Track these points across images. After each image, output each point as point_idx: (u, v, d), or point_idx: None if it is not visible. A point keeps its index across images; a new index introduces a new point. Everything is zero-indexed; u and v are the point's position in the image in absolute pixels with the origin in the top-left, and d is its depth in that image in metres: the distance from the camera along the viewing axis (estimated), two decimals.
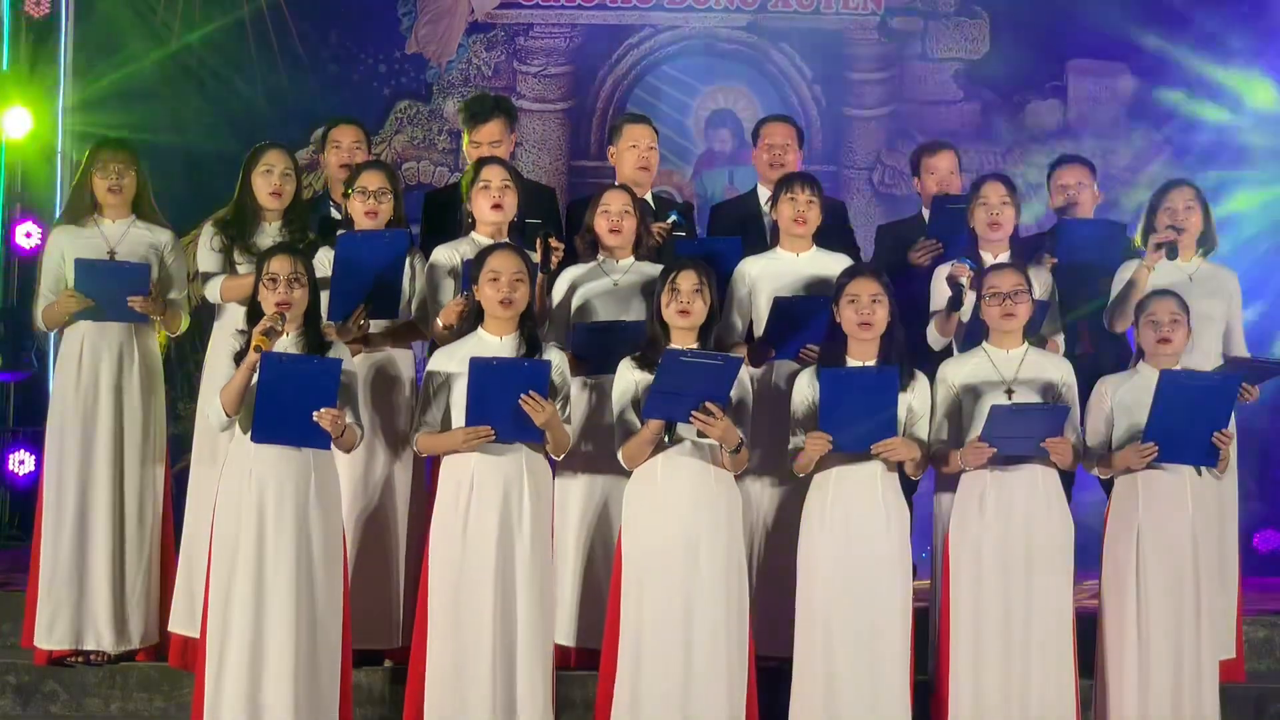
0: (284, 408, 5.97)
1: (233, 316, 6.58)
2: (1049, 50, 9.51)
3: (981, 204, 6.85)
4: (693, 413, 5.97)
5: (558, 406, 6.15)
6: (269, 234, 6.80)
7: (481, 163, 6.75)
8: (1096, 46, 9.48)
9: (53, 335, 8.00)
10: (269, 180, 6.80)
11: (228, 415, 6.07)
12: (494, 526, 6.08)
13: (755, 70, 9.61)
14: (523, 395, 5.96)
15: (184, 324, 6.95)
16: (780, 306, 6.53)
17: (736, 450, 6.09)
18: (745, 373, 6.18)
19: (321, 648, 6.07)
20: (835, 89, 9.60)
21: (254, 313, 6.14)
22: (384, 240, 6.57)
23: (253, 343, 5.98)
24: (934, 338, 6.76)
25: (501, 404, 5.99)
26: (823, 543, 6.13)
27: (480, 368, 5.98)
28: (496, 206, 6.63)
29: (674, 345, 6.15)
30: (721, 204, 7.91)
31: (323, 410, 5.96)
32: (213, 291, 6.80)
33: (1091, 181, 7.30)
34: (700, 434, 6.05)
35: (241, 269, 6.74)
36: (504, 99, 7.49)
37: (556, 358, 6.22)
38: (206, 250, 6.83)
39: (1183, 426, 6.14)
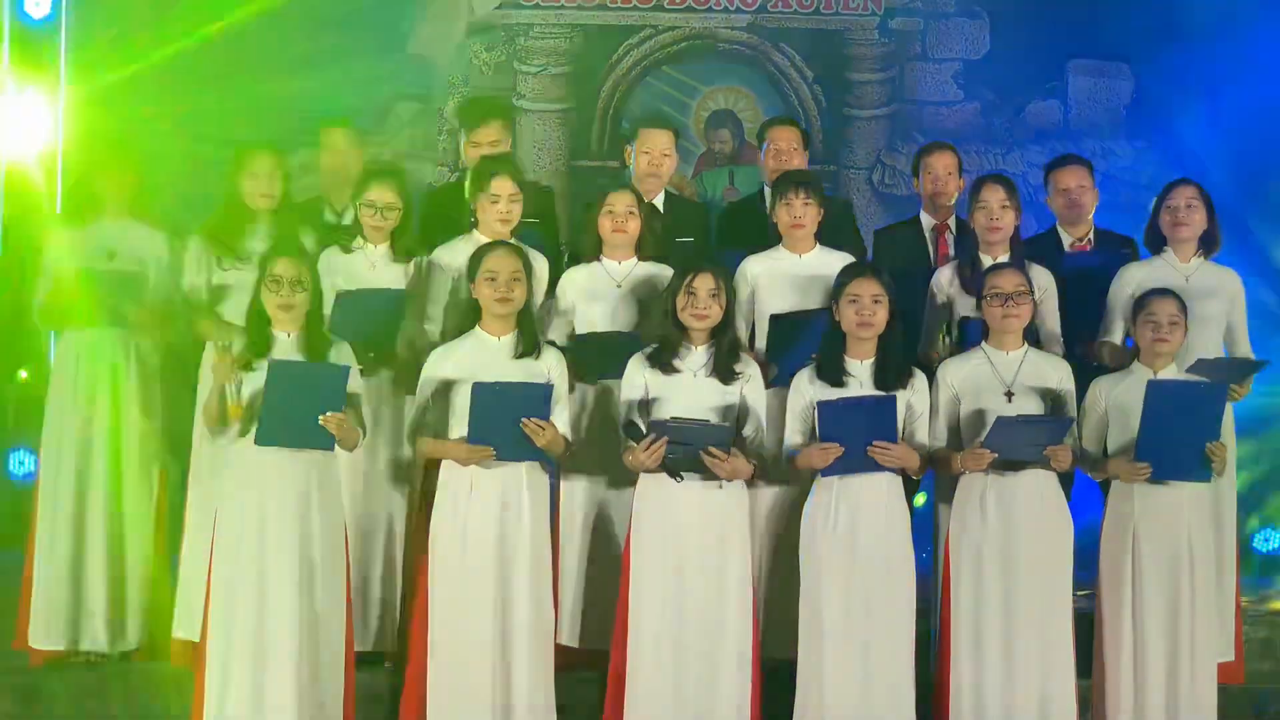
0: (291, 412, 5.98)
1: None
2: (1049, 50, 9.50)
3: (981, 207, 6.82)
4: (701, 454, 6.00)
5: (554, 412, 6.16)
6: (260, 237, 6.75)
7: (491, 172, 6.66)
8: (1096, 46, 9.48)
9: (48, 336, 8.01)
10: (255, 184, 6.77)
11: (211, 428, 6.09)
12: (493, 529, 6.10)
13: (755, 70, 9.61)
14: (523, 420, 5.98)
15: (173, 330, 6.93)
16: (777, 324, 6.51)
17: None
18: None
19: (324, 650, 6.08)
20: (835, 89, 9.60)
21: (252, 315, 6.14)
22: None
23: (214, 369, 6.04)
24: (923, 353, 6.72)
25: (503, 426, 6.02)
26: (826, 545, 6.12)
27: (483, 391, 6.00)
28: (504, 221, 6.61)
29: (686, 345, 6.18)
30: (729, 207, 7.89)
31: (329, 415, 5.97)
32: None
33: (1091, 182, 7.27)
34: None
35: (233, 274, 6.70)
36: (502, 100, 7.45)
37: (554, 358, 6.23)
38: (194, 266, 6.77)
39: (1173, 441, 6.12)
